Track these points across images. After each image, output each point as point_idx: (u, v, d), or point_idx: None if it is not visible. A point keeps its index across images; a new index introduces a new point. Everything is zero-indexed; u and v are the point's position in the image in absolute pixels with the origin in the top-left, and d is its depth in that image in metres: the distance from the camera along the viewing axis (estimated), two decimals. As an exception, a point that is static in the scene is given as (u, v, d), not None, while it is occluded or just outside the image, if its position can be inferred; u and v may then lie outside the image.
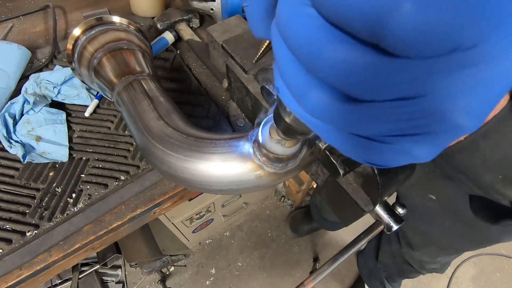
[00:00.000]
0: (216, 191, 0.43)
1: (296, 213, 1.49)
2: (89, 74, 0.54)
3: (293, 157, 0.35)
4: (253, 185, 0.40)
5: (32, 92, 0.59)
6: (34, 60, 0.69)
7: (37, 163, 0.56)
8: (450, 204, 0.51)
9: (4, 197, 0.52)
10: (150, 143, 0.44)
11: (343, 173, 0.30)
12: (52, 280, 1.22)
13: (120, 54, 0.52)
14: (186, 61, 0.72)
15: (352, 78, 0.12)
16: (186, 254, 1.43)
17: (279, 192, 1.61)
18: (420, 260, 0.83)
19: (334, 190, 0.42)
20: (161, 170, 0.44)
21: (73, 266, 1.15)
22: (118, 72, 0.51)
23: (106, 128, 0.61)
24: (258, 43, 0.53)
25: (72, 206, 0.52)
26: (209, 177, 0.40)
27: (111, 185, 0.54)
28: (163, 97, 0.51)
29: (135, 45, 0.55)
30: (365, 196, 0.36)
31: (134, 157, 0.57)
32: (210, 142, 0.41)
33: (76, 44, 0.54)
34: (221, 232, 1.50)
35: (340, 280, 1.42)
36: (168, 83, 0.67)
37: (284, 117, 0.24)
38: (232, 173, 0.39)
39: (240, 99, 0.59)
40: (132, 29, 0.57)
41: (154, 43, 0.70)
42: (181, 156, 0.41)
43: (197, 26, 0.77)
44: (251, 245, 1.47)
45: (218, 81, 0.67)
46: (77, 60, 0.54)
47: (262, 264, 1.43)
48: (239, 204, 1.34)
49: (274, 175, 0.39)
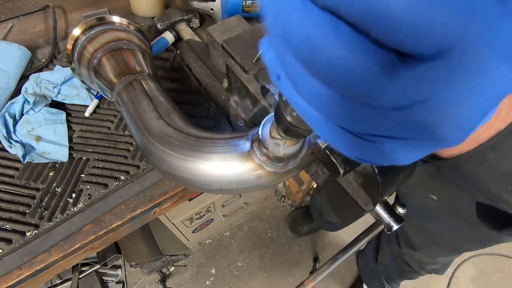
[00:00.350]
0: (216, 191, 0.43)
1: (296, 213, 1.49)
2: (89, 74, 0.54)
3: (293, 157, 0.35)
4: (253, 184, 0.40)
5: (32, 92, 0.59)
6: (34, 60, 0.69)
7: (37, 163, 0.56)
8: (452, 205, 0.51)
9: (4, 197, 0.52)
10: (150, 143, 0.44)
11: (343, 173, 0.30)
12: (52, 280, 1.22)
13: (120, 54, 0.52)
14: (186, 61, 0.72)
15: (340, 75, 0.12)
16: (186, 254, 1.43)
17: (279, 192, 1.61)
18: (420, 260, 0.83)
19: (334, 190, 0.42)
20: (161, 170, 0.44)
21: (73, 266, 1.15)
22: (118, 72, 0.51)
23: (106, 128, 0.61)
24: (258, 43, 0.53)
25: (72, 206, 0.52)
26: (209, 177, 0.40)
27: (111, 185, 0.54)
28: (163, 97, 0.51)
29: (135, 45, 0.55)
30: (365, 195, 0.36)
31: (134, 157, 0.57)
32: (210, 142, 0.41)
33: (76, 44, 0.54)
34: (221, 232, 1.50)
35: (340, 280, 1.42)
36: (168, 83, 0.67)
37: (286, 116, 0.24)
38: (232, 172, 0.39)
39: (240, 99, 0.59)
40: (132, 29, 0.57)
41: (154, 43, 0.70)
42: (181, 156, 0.41)
43: (197, 26, 0.77)
44: (251, 245, 1.47)
45: (218, 81, 0.67)
46: (77, 60, 0.54)
47: (262, 264, 1.43)
48: (239, 204, 1.33)
49: (274, 175, 0.39)
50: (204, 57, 0.69)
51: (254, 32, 0.55)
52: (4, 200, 0.52)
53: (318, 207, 1.18)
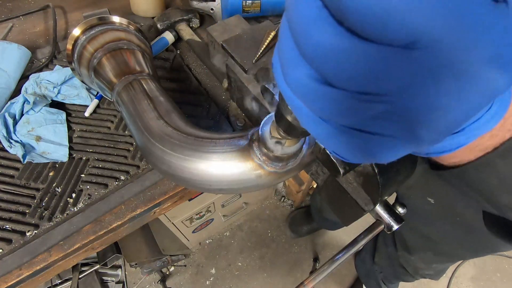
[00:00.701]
0: (216, 191, 0.43)
1: (296, 214, 1.49)
2: (89, 74, 0.54)
3: (293, 156, 0.35)
4: (253, 184, 0.40)
5: (32, 92, 0.59)
6: (34, 60, 0.69)
7: (37, 163, 0.56)
8: (449, 209, 0.50)
9: (4, 197, 0.52)
10: (150, 143, 0.44)
11: (344, 172, 0.30)
12: (52, 280, 1.22)
13: (120, 54, 0.52)
14: (186, 61, 0.72)
15: (326, 60, 0.13)
16: (186, 254, 1.43)
17: (279, 192, 1.61)
18: (415, 265, 0.82)
19: (334, 189, 0.42)
20: (161, 170, 0.44)
21: (73, 266, 1.15)
22: (118, 72, 0.51)
23: (106, 128, 0.61)
24: (258, 43, 0.53)
25: (72, 206, 0.52)
26: (209, 177, 0.40)
27: (111, 185, 0.54)
28: (163, 97, 0.51)
29: (135, 45, 0.55)
30: (365, 195, 0.36)
31: (134, 157, 0.57)
32: (210, 142, 0.41)
33: (76, 44, 0.54)
34: (221, 232, 1.50)
35: (339, 280, 1.42)
36: (168, 83, 0.67)
37: (286, 115, 0.24)
38: (232, 172, 0.39)
39: (240, 99, 0.59)
40: (132, 29, 0.57)
41: (154, 43, 0.70)
42: (181, 156, 0.41)
43: (197, 26, 0.77)
44: (251, 245, 1.47)
45: (218, 81, 0.67)
46: (77, 60, 0.54)
47: (262, 264, 1.43)
48: (239, 204, 1.33)
49: (274, 174, 0.39)
50: (204, 57, 0.69)
51: (254, 32, 0.55)
52: (4, 200, 0.52)
53: (318, 206, 1.18)
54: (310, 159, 0.37)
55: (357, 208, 0.38)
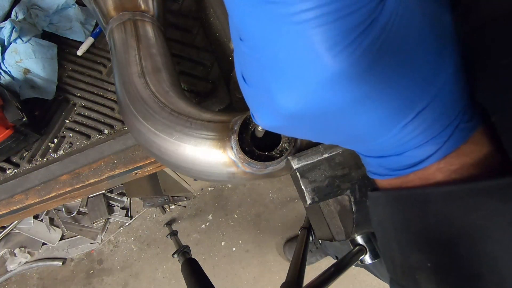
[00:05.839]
0: (184, 174, 0.38)
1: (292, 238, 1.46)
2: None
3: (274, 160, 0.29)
4: (224, 179, 0.35)
5: (22, 18, 0.53)
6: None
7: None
8: None
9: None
10: (125, 102, 0.39)
11: (310, 203, 0.24)
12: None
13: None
14: (198, 6, 0.62)
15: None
16: (188, 197, 1.49)
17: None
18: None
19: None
20: (133, 135, 0.40)
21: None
22: (118, 3, 0.43)
23: (97, 72, 0.55)
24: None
25: (52, 151, 0.50)
26: (177, 160, 0.35)
27: (93, 137, 0.51)
28: (156, 49, 0.44)
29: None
30: (339, 223, 0.30)
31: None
32: (185, 120, 0.35)
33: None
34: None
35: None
36: (172, 30, 0.59)
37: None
38: (203, 162, 0.34)
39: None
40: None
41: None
42: (151, 128, 0.36)
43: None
44: (250, 201, 1.50)
45: (227, 38, 0.58)
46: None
47: (257, 221, 1.47)
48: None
49: (250, 175, 0.34)
50: (219, 6, 0.59)
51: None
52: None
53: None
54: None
55: (328, 233, 0.32)
